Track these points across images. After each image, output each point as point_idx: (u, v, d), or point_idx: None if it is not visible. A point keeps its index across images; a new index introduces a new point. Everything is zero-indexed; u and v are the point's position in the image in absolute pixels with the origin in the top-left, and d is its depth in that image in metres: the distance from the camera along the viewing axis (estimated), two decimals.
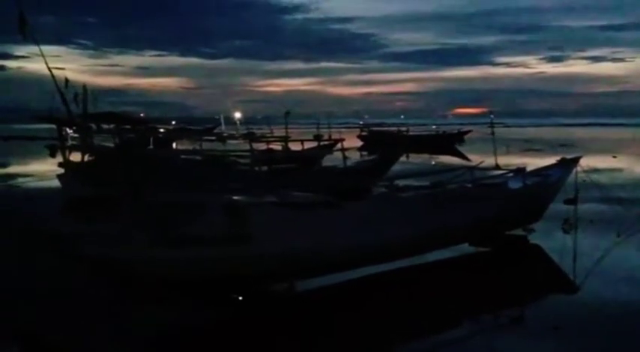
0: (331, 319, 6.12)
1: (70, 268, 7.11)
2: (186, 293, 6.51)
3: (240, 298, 6.72)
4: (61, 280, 7.15)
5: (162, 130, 24.42)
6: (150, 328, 5.89)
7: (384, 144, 33.50)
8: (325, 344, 5.55)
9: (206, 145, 20.74)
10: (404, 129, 45.74)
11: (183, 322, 6.02)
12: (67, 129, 15.94)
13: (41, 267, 7.76)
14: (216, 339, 5.67)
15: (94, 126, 16.48)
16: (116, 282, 6.41)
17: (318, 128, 30.73)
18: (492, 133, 12.09)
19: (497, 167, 10.33)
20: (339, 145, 18.26)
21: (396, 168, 17.70)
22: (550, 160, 11.50)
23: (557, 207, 10.30)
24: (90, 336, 5.58)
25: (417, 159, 27.04)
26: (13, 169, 23.86)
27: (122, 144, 16.82)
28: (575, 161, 10.54)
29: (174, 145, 23.05)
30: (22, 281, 7.21)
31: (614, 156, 27.15)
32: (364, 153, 28.11)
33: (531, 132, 71.03)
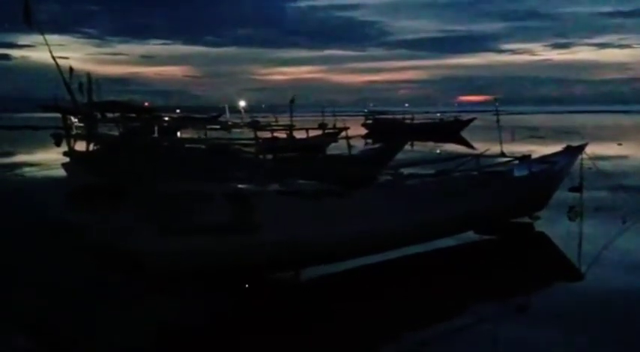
0: (336, 307, 6.13)
1: (77, 259, 7.15)
2: (190, 283, 6.54)
3: (247, 286, 6.74)
4: (67, 271, 7.18)
5: (166, 119, 24.42)
6: (155, 319, 5.92)
7: (388, 132, 33.50)
8: (330, 331, 5.56)
9: (211, 134, 20.74)
10: (409, 117, 45.64)
11: (188, 313, 6.05)
12: (72, 118, 15.97)
13: (47, 258, 7.79)
14: (219, 330, 5.69)
15: (98, 115, 16.48)
16: (123, 273, 6.44)
17: (323, 116, 30.63)
18: (498, 121, 12.01)
19: (502, 155, 10.27)
20: (343, 133, 18.28)
21: (401, 156, 17.67)
22: (555, 148, 11.48)
23: (563, 194, 10.29)
24: (97, 327, 5.61)
25: (422, 147, 26.99)
26: (18, 158, 23.91)
27: (127, 133, 16.85)
28: (581, 148, 10.52)
29: (178, 134, 23.05)
30: (29, 272, 7.25)
31: (620, 144, 27.05)
32: (369, 141, 28.11)
33: (537, 119, 70.80)
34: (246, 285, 6.74)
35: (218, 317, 6.03)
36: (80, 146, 15.11)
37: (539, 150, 16.35)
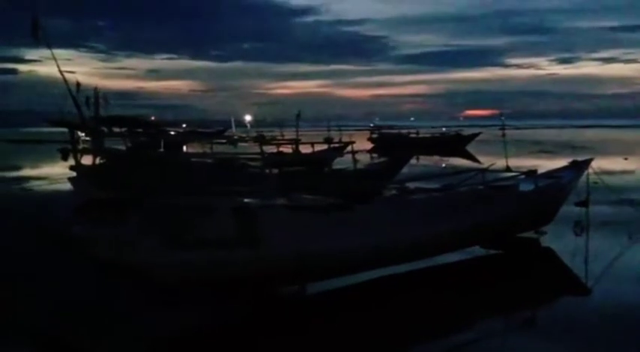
0: (341, 321, 6.12)
1: (82, 270, 7.18)
2: (197, 296, 6.56)
3: (253, 301, 6.73)
4: (73, 282, 7.21)
5: (173, 133, 24.48)
6: (162, 331, 5.93)
7: (394, 146, 33.54)
8: (335, 344, 5.55)
9: (217, 148, 20.80)
10: (414, 131, 45.76)
11: (196, 325, 6.06)
12: (79, 133, 16.06)
13: (54, 270, 7.82)
14: (227, 343, 5.69)
15: (105, 129, 16.57)
16: (129, 285, 6.46)
17: (328, 130, 30.69)
18: (503, 135, 12.05)
19: (508, 169, 10.27)
20: (349, 148, 18.31)
21: (407, 170, 17.70)
22: (561, 162, 11.47)
23: (569, 209, 10.26)
24: (105, 338, 5.62)
25: (427, 161, 27.00)
26: (25, 172, 24.02)
27: (133, 147, 16.91)
28: (587, 163, 10.51)
29: (184, 148, 23.12)
30: (35, 283, 7.27)
31: (626, 158, 27.01)
32: (375, 155, 28.13)
33: (542, 134, 70.79)
34: (251, 298, 6.74)
35: (222, 329, 6.04)
36: (87, 160, 15.20)
37: (545, 164, 16.35)
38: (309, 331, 5.90)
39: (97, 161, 15.18)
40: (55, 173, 20.28)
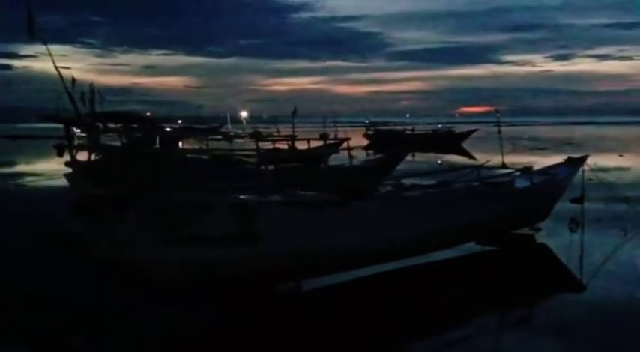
0: (337, 318, 6.12)
1: (80, 269, 7.16)
2: (197, 295, 6.55)
3: (250, 299, 6.73)
4: (71, 282, 7.19)
5: (168, 129, 24.45)
6: (162, 331, 5.92)
7: (390, 143, 33.55)
8: (330, 342, 5.56)
9: (212, 144, 20.77)
10: (409, 128, 45.79)
11: (195, 325, 6.05)
12: (74, 129, 16.03)
13: (51, 269, 7.80)
14: (227, 343, 5.69)
15: (100, 125, 16.55)
16: (127, 284, 6.44)
17: (324, 127, 30.68)
18: (499, 132, 12.04)
19: (503, 166, 10.29)
20: (345, 144, 18.30)
21: (402, 167, 17.70)
22: (557, 159, 11.49)
23: (564, 206, 10.28)
24: (104, 339, 5.61)
25: (423, 157, 27.02)
26: (20, 168, 23.95)
27: (128, 143, 16.90)
28: (582, 160, 10.53)
29: (180, 144, 23.11)
30: (35, 282, 7.25)
31: (621, 155, 27.07)
32: (370, 152, 28.14)
33: (538, 130, 70.90)
34: (250, 297, 6.73)
35: (222, 329, 6.04)
36: (82, 156, 15.17)
37: (541, 161, 16.37)
38: (307, 329, 5.91)
39: (93, 157, 15.15)
40: (50, 169, 20.23)
